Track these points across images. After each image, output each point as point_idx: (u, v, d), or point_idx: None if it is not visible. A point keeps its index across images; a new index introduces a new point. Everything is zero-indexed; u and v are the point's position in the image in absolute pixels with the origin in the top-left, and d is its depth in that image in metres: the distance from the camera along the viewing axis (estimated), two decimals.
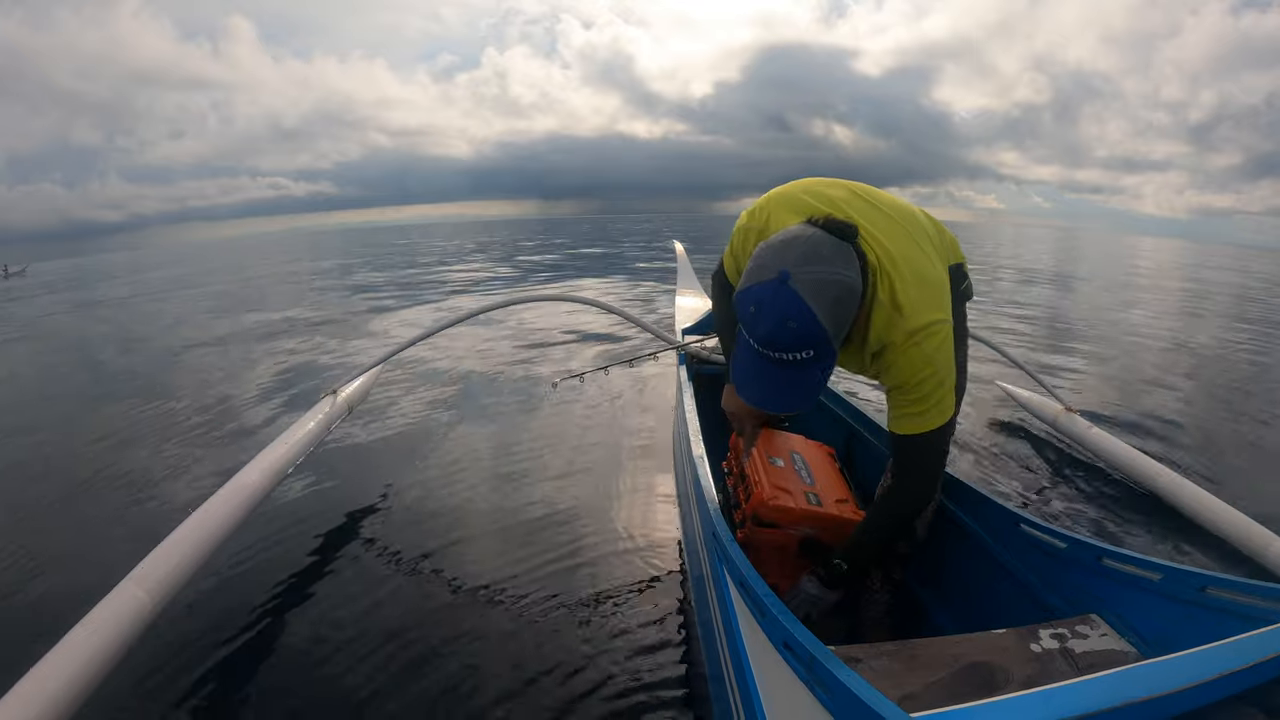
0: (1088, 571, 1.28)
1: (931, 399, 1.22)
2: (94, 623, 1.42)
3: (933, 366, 1.21)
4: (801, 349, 1.07)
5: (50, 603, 2.04)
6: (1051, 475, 2.99)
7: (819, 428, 2.26)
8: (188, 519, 1.80)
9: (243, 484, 2.01)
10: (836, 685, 0.80)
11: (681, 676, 1.67)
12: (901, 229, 1.28)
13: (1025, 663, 1.08)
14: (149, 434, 3.72)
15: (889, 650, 1.12)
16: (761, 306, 1.06)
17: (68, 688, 1.28)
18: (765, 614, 1.00)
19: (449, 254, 20.73)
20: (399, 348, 2.96)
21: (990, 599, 1.48)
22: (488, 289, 10.87)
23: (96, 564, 2.19)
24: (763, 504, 1.57)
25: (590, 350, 5.47)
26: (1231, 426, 3.98)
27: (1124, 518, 2.56)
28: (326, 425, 2.61)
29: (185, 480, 3.01)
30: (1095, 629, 1.17)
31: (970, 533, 1.56)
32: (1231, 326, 8.17)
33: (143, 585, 1.55)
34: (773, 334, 1.06)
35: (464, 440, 3.45)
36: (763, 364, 1.13)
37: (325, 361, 5.45)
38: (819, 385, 1.15)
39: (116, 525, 2.63)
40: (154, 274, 18.67)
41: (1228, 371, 5.51)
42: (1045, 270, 16.57)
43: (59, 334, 8.74)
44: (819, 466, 1.78)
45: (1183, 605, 1.10)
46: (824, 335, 1.06)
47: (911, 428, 1.25)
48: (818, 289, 1.04)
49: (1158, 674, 0.77)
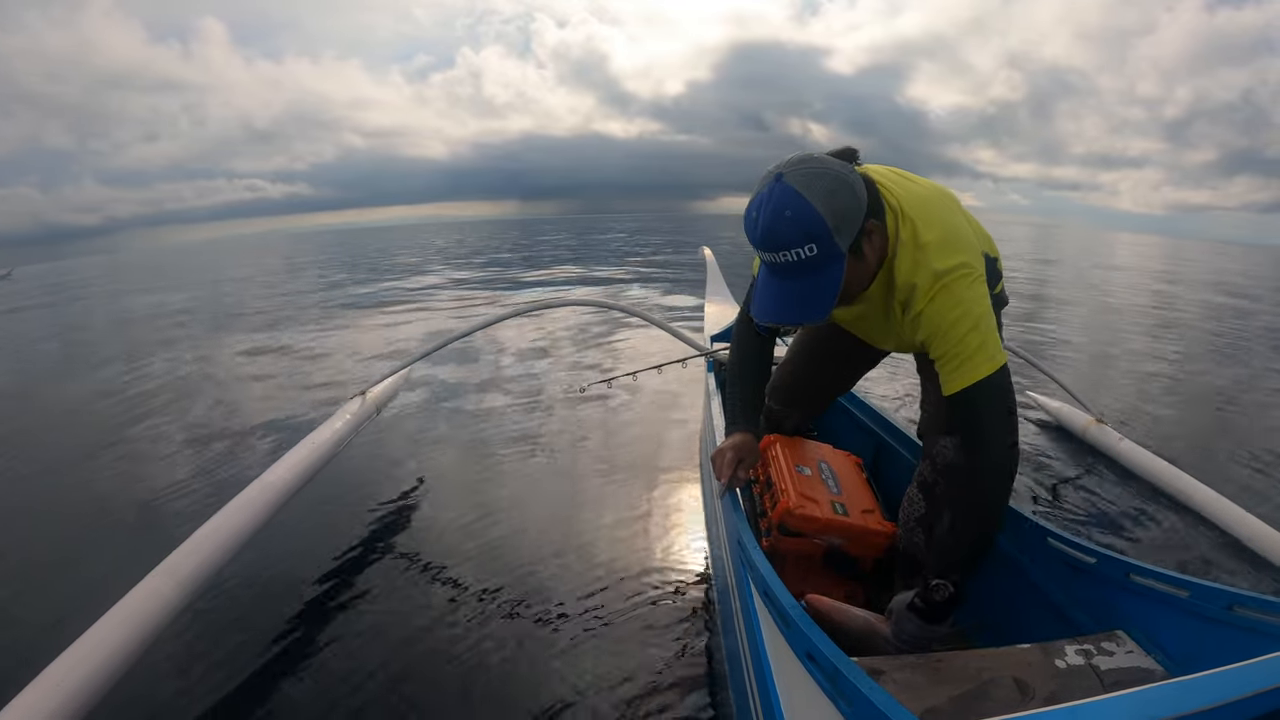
0: (1115, 587, 1.26)
1: (970, 344, 1.16)
2: (121, 613, 1.48)
3: (964, 307, 1.17)
4: (804, 242, 1.10)
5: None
6: (1080, 488, 2.95)
7: (847, 437, 2.25)
8: (215, 515, 1.85)
9: (269, 482, 2.07)
10: (859, 698, 0.80)
11: (704, 685, 1.69)
12: (930, 193, 1.28)
13: (1050, 679, 1.07)
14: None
15: (912, 663, 1.12)
16: (760, 208, 1.12)
17: (94, 675, 1.33)
18: (789, 624, 1.00)
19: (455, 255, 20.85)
20: (429, 350, 3.01)
21: (1016, 613, 1.47)
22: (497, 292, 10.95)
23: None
24: (789, 512, 1.57)
25: (619, 356, 5.50)
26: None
27: (1154, 532, 2.52)
28: (355, 426, 2.65)
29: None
30: (1121, 646, 1.16)
31: (996, 546, 1.54)
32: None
33: (170, 578, 1.60)
34: (771, 226, 1.11)
35: (491, 443, 3.49)
36: (772, 278, 1.19)
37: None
38: (831, 289, 1.15)
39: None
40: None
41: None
42: (1025, 266, 17.29)
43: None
44: (846, 476, 1.78)
45: (1211, 623, 1.09)
46: (822, 224, 1.10)
47: (960, 380, 1.17)
48: (810, 179, 1.10)
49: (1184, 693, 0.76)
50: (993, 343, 1.17)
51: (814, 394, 1.89)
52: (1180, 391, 4.89)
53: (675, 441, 3.43)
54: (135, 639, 1.44)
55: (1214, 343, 6.99)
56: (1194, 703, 0.74)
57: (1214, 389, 4.96)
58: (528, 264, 16.05)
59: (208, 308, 10.66)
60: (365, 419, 2.75)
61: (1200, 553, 2.36)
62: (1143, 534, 2.51)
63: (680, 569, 2.21)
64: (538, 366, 5.16)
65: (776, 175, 1.12)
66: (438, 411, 4.02)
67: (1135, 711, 0.73)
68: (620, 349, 5.74)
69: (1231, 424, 4.10)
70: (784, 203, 1.10)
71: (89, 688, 1.30)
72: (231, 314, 9.41)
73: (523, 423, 3.80)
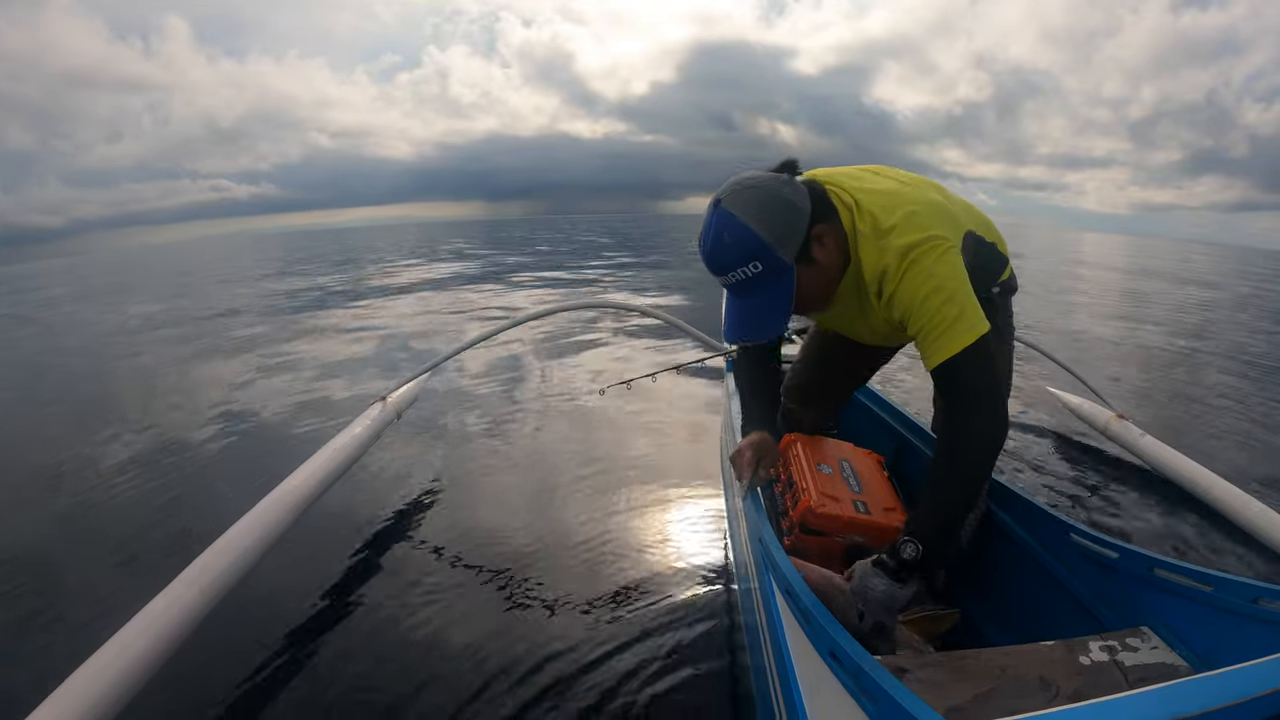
0: (1139, 582, 1.26)
1: (947, 315, 1.15)
2: (145, 620, 1.49)
3: (935, 280, 1.16)
4: (746, 261, 1.17)
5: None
6: (1102, 483, 2.93)
7: (868, 435, 2.25)
8: (236, 523, 1.86)
9: (290, 489, 2.09)
10: (882, 695, 0.81)
11: (726, 683, 1.70)
12: (896, 185, 1.30)
13: (1074, 675, 1.07)
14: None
15: (935, 661, 1.12)
16: (705, 236, 1.20)
17: (119, 682, 1.35)
18: (811, 622, 1.01)
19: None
20: (449, 354, 3.03)
21: (1039, 610, 1.47)
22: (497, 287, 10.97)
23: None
24: (810, 511, 1.57)
25: (638, 357, 5.52)
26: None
27: (1176, 528, 2.50)
28: (376, 431, 2.68)
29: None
30: (1146, 641, 1.16)
31: (1019, 542, 1.54)
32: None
33: (193, 586, 1.62)
34: (713, 251, 1.19)
35: (511, 445, 3.52)
36: (732, 298, 1.26)
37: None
38: (784, 301, 1.21)
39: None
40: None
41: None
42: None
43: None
44: (867, 474, 1.78)
45: (1236, 618, 1.08)
46: (759, 241, 1.16)
47: (941, 353, 1.15)
48: (744, 201, 1.17)
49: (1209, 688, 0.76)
50: (972, 312, 1.15)
51: (828, 391, 1.89)
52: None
53: (695, 441, 3.44)
54: (158, 648, 1.46)
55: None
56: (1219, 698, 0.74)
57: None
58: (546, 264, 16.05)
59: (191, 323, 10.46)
60: (386, 424, 2.78)
61: (1221, 549, 2.34)
62: (1165, 530, 2.49)
63: (702, 568, 2.22)
64: (555, 368, 5.19)
65: (715, 202, 1.20)
66: (452, 415, 4.05)
67: (1160, 708, 0.73)
68: (638, 350, 5.76)
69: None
70: (722, 227, 1.17)
71: (111, 696, 1.32)
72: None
73: (540, 424, 3.83)
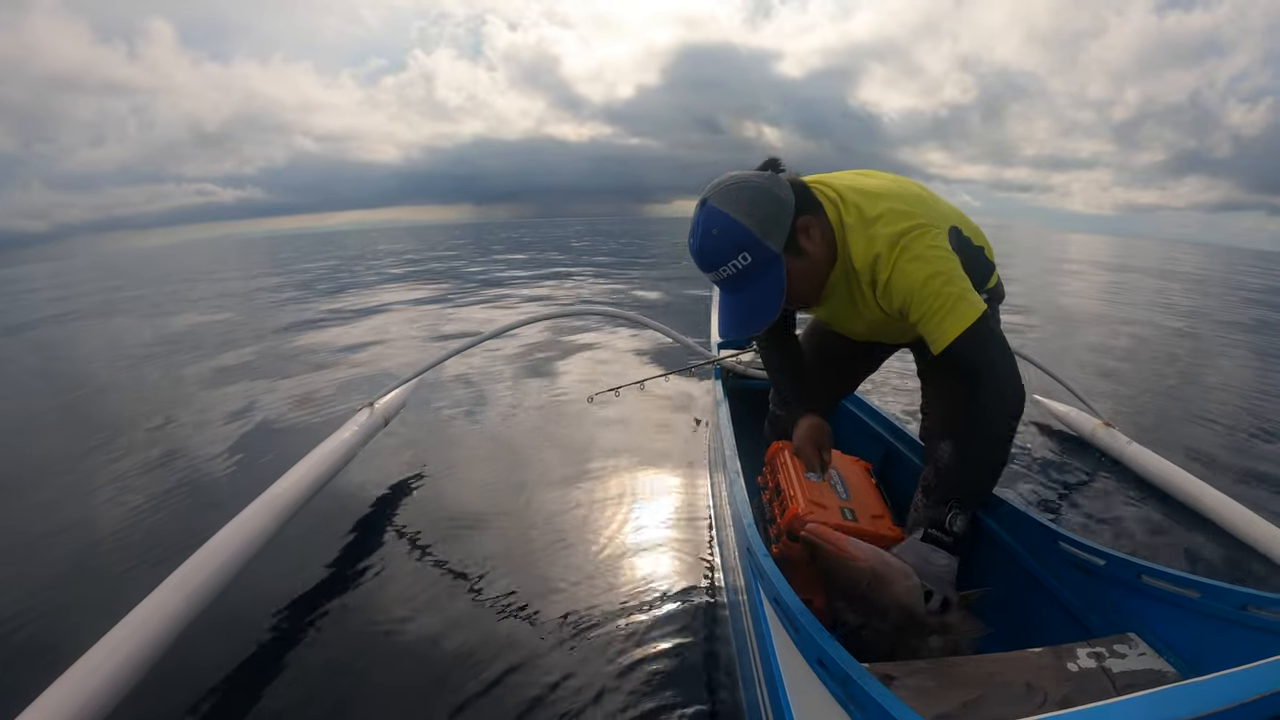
0: (1126, 589, 1.26)
1: (949, 294, 1.18)
2: (131, 625, 1.48)
3: (931, 264, 1.19)
4: (735, 253, 1.20)
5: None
6: (1089, 491, 2.94)
7: (856, 443, 2.25)
8: (223, 528, 1.85)
9: (276, 494, 2.08)
10: (871, 704, 0.80)
11: (714, 693, 1.68)
12: (880, 182, 1.33)
13: (1062, 682, 1.07)
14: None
15: (923, 668, 1.12)
16: (694, 234, 1.23)
17: (104, 687, 1.34)
18: (799, 630, 1.01)
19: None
20: (436, 361, 3.01)
21: (1027, 617, 1.47)
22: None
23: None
24: (798, 519, 1.57)
25: (626, 365, 5.50)
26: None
27: (1163, 535, 2.51)
28: (364, 437, 2.67)
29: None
30: (1134, 648, 1.16)
31: (1007, 549, 1.55)
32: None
33: (178, 591, 1.61)
34: (703, 246, 1.22)
35: (498, 453, 3.49)
36: (725, 295, 1.29)
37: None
38: (776, 291, 1.24)
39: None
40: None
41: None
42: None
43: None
44: (855, 481, 1.78)
45: (1223, 624, 1.09)
46: (747, 232, 1.19)
47: (951, 330, 1.18)
48: (729, 196, 1.20)
49: (1196, 694, 0.76)
50: (969, 294, 1.20)
51: (818, 397, 1.90)
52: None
53: (683, 448, 3.43)
54: (142, 654, 1.44)
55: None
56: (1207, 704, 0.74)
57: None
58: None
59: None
60: (373, 430, 2.76)
61: (1209, 556, 2.35)
62: (1152, 538, 2.50)
63: (688, 576, 2.20)
64: (543, 374, 5.16)
65: (702, 201, 1.23)
66: (440, 420, 4.02)
67: (1148, 714, 0.73)
68: (627, 358, 5.74)
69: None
70: (710, 222, 1.20)
71: (95, 703, 1.31)
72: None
73: (527, 431, 3.81)
